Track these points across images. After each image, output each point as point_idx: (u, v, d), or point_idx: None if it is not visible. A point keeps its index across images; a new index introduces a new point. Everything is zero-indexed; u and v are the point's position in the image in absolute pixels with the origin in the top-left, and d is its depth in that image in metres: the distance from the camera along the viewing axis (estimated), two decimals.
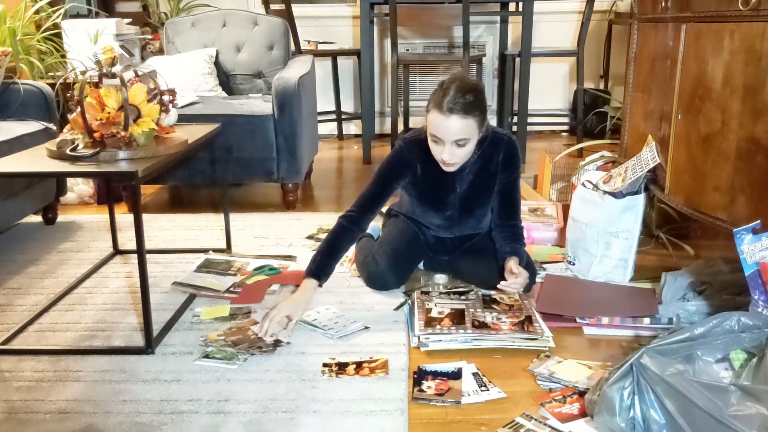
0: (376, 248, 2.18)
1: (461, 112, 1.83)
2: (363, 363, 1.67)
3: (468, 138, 1.88)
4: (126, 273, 2.32)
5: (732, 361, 1.40)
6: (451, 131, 1.85)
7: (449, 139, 1.87)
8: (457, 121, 1.84)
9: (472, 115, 1.85)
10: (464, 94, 1.83)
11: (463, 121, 1.84)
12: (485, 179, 2.07)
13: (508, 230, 2.10)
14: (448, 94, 1.83)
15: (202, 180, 3.04)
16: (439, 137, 1.88)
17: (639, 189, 2.12)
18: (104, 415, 1.49)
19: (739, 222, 1.64)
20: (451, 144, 1.88)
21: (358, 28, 4.29)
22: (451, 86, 1.85)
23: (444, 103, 1.83)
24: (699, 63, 1.85)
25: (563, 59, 4.71)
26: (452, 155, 1.90)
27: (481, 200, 2.12)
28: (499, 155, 2.05)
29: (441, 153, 1.91)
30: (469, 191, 2.09)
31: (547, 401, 1.51)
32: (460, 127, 1.85)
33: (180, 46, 3.54)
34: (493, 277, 2.02)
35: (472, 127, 1.87)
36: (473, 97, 1.85)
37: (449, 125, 1.84)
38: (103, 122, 1.83)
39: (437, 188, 2.09)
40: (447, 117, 1.83)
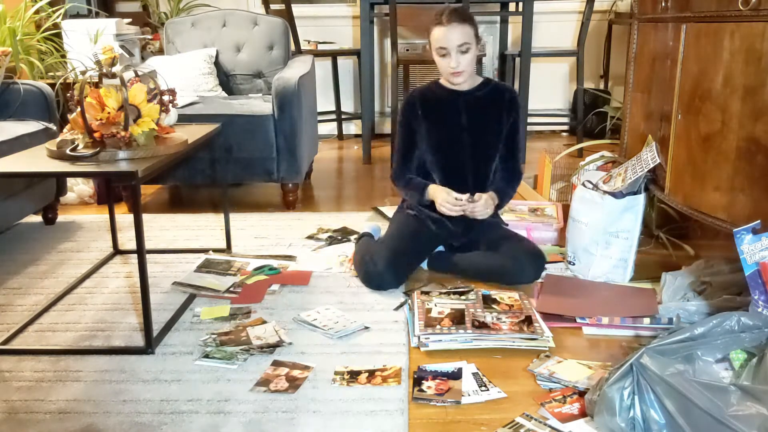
0: (375, 248, 2.19)
1: (459, 19, 2.10)
2: (375, 371, 1.65)
3: (469, 43, 2.11)
4: (126, 273, 2.32)
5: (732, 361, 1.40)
6: (453, 38, 2.09)
7: (453, 45, 2.10)
8: (457, 27, 2.09)
9: (468, 23, 2.12)
10: (457, 8, 2.13)
11: (462, 27, 2.10)
12: (490, 116, 2.25)
13: (504, 171, 2.29)
14: (444, 11, 2.12)
15: (202, 180, 3.04)
16: (444, 46, 2.11)
17: (639, 189, 2.12)
18: (104, 415, 1.49)
19: (739, 222, 1.64)
20: (456, 52, 2.10)
21: (358, 28, 4.29)
22: (444, 7, 2.14)
23: (443, 17, 2.11)
24: (699, 63, 1.85)
25: (563, 59, 4.71)
26: (458, 62, 2.12)
27: (487, 134, 2.25)
28: (504, 97, 2.26)
29: (449, 63, 2.13)
30: (475, 123, 2.24)
31: (547, 401, 1.51)
32: (460, 32, 2.09)
33: (180, 46, 3.54)
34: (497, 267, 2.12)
35: (470, 34, 2.12)
36: (463, 9, 2.16)
37: (450, 32, 2.09)
38: (103, 122, 1.83)
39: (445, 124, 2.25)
40: (447, 26, 2.09)
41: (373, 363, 1.69)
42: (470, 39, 2.12)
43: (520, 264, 2.10)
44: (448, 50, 2.11)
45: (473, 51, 2.14)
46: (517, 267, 2.10)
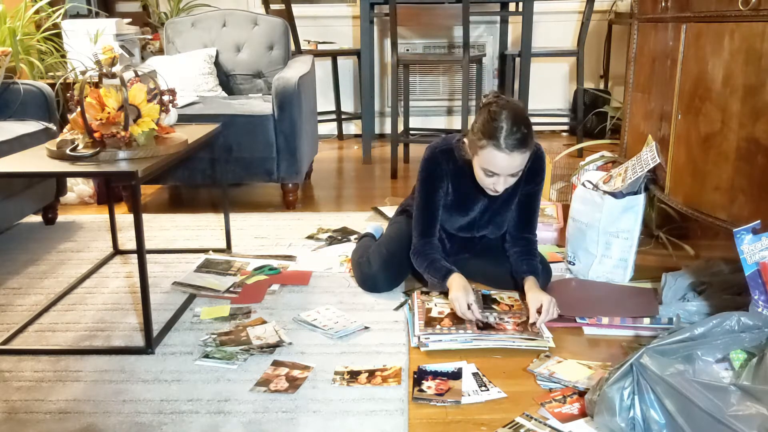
0: (372, 249, 2.18)
1: (521, 147, 1.77)
2: (375, 371, 1.65)
3: (522, 168, 1.85)
4: (126, 273, 2.32)
5: (732, 361, 1.40)
6: (511, 167, 1.80)
7: (507, 173, 1.82)
8: (517, 157, 1.78)
9: (529, 147, 1.81)
10: (519, 126, 1.76)
11: (522, 156, 1.80)
12: (512, 188, 1.97)
13: (522, 243, 2.06)
14: (501, 128, 1.75)
15: (202, 180, 3.05)
16: (496, 172, 1.82)
17: (639, 189, 2.12)
18: (104, 415, 1.49)
19: (739, 222, 1.64)
20: (507, 177, 1.84)
21: (358, 28, 4.29)
22: (501, 117, 1.76)
23: (501, 139, 1.75)
24: (699, 63, 1.85)
25: (563, 59, 4.71)
26: (506, 184, 1.86)
27: (504, 207, 2.07)
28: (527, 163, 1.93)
29: (493, 184, 1.85)
30: (495, 200, 2.04)
31: (547, 401, 1.51)
32: (520, 161, 1.81)
33: (180, 46, 3.54)
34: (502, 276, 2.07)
35: (528, 157, 1.84)
36: (526, 127, 1.78)
37: (510, 162, 1.79)
38: (103, 122, 1.84)
39: (466, 197, 2.04)
40: (507, 154, 1.77)
41: (373, 363, 1.69)
42: (524, 164, 1.83)
43: None
44: (499, 175, 1.83)
45: None
46: None
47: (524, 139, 1.77)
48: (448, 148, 1.99)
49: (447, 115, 4.81)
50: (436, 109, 4.79)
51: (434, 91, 4.78)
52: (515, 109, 1.80)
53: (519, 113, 1.80)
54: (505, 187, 1.87)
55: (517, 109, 1.81)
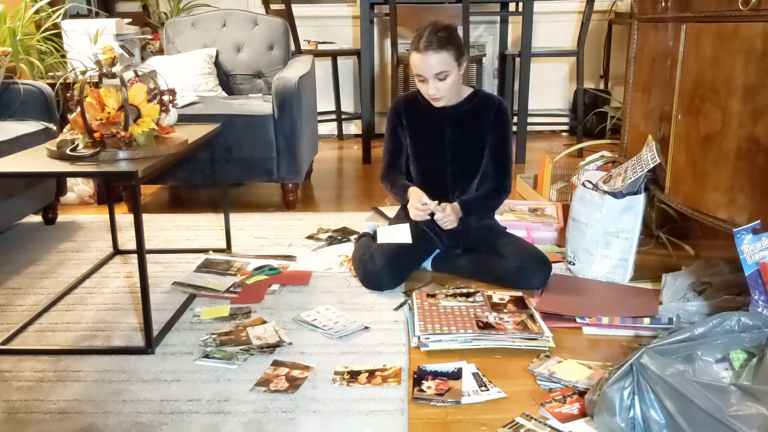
0: (374, 247, 2.18)
1: (436, 47, 2.04)
2: (375, 371, 1.65)
3: (447, 71, 2.08)
4: (126, 273, 2.32)
5: (732, 361, 1.40)
6: (428, 66, 2.06)
7: (430, 74, 2.07)
8: (433, 56, 2.05)
9: (446, 49, 2.05)
10: (437, 32, 2.06)
11: (438, 56, 2.05)
12: (474, 131, 2.22)
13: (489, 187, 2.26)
14: (423, 35, 2.06)
15: (202, 180, 3.05)
16: (422, 74, 2.09)
17: (639, 189, 2.12)
18: (104, 415, 1.49)
19: (739, 222, 1.64)
20: (434, 79, 2.08)
21: (358, 28, 4.29)
22: (425, 29, 2.07)
23: (420, 43, 2.06)
24: (699, 63, 1.85)
25: (563, 59, 4.71)
26: (437, 89, 2.10)
27: (470, 149, 2.24)
28: (491, 111, 2.22)
29: (427, 89, 2.11)
30: (459, 138, 2.22)
31: (547, 401, 1.51)
32: (437, 60, 2.05)
33: (180, 46, 3.54)
34: (503, 273, 2.11)
35: (449, 61, 2.07)
36: (446, 34, 2.06)
37: (427, 61, 2.06)
38: (103, 122, 1.83)
39: (428, 135, 2.25)
40: (424, 54, 2.05)
41: (373, 363, 1.69)
42: (448, 66, 2.08)
43: (528, 272, 2.07)
44: (424, 77, 2.09)
45: (453, 75, 2.10)
46: (524, 275, 2.07)
47: (439, 40, 2.04)
48: (410, 96, 2.30)
49: None
50: None
51: None
52: (436, 23, 2.10)
53: (438, 24, 2.09)
54: (437, 92, 2.10)
55: (438, 22, 2.10)
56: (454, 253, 2.26)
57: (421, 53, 2.06)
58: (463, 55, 2.12)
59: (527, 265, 2.08)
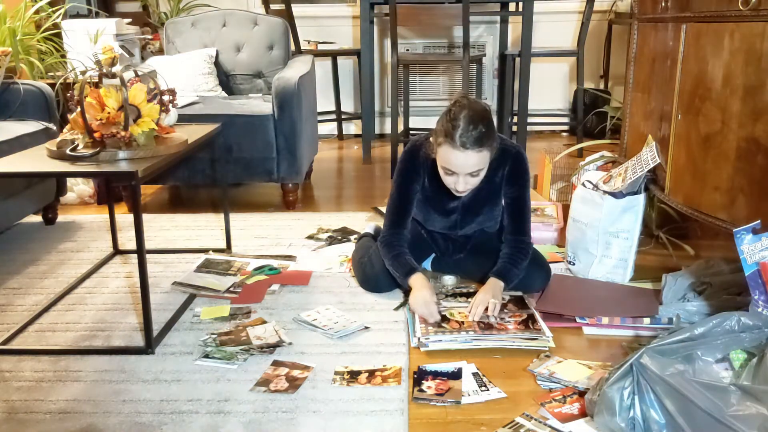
0: (373, 249, 2.18)
1: (476, 146, 1.77)
2: (375, 371, 1.65)
3: (482, 168, 1.84)
4: (126, 273, 2.32)
5: (732, 361, 1.40)
6: (466, 165, 1.80)
7: (463, 172, 1.83)
8: (472, 155, 1.78)
9: (486, 147, 1.80)
10: (476, 125, 1.76)
11: (478, 155, 1.79)
12: (489, 189, 2.02)
13: (512, 246, 2.04)
14: (458, 126, 1.76)
15: (202, 180, 3.04)
16: (453, 170, 1.83)
17: (639, 189, 2.12)
18: (104, 415, 1.49)
19: (739, 222, 1.64)
20: (467, 175, 1.84)
21: (358, 28, 4.29)
22: (459, 116, 1.77)
23: (456, 137, 1.76)
24: (699, 63, 1.85)
25: (563, 59, 4.71)
26: (466, 184, 1.86)
27: (484, 208, 2.07)
28: (505, 168, 2.00)
29: (454, 183, 1.86)
30: (472, 200, 2.05)
31: (547, 401, 1.51)
32: (476, 160, 1.80)
33: (180, 46, 3.54)
34: None
35: (486, 158, 1.83)
36: (485, 126, 1.78)
37: (464, 160, 1.79)
38: (103, 122, 1.84)
39: (442, 196, 2.05)
40: (461, 152, 1.78)
41: (373, 363, 1.69)
42: (485, 163, 1.83)
43: (528, 276, 2.04)
44: (457, 174, 1.84)
45: (485, 168, 1.86)
46: (524, 279, 2.04)
47: (480, 137, 1.77)
48: (422, 143, 2.01)
49: None
50: (436, 109, 4.78)
51: (434, 91, 4.78)
52: (475, 109, 1.80)
53: (478, 113, 1.79)
54: (466, 187, 1.87)
55: (477, 108, 1.81)
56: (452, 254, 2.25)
57: (458, 149, 1.77)
58: (497, 142, 1.86)
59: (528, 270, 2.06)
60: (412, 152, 2.02)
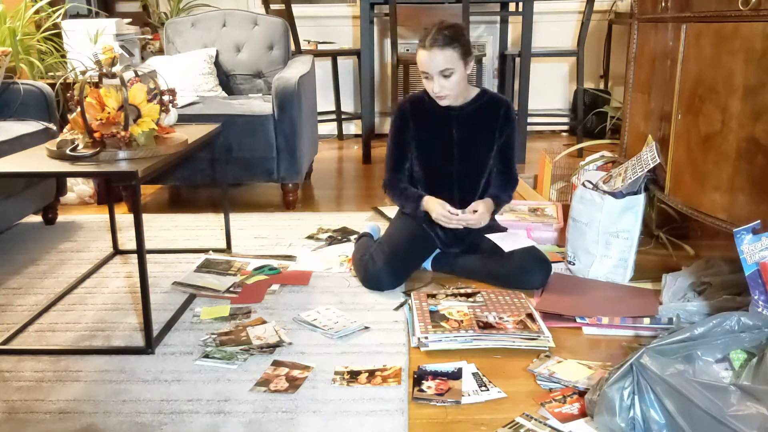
0: (375, 247, 2.19)
1: (440, 44, 2.03)
2: (375, 371, 1.65)
3: (452, 68, 2.06)
4: (126, 273, 2.32)
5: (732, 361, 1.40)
6: (433, 63, 2.05)
7: (434, 71, 2.07)
8: (438, 53, 2.04)
9: (451, 47, 2.04)
10: (443, 30, 2.05)
11: (443, 53, 2.04)
12: (483, 131, 2.22)
13: (500, 180, 2.27)
14: (430, 32, 2.06)
15: (202, 180, 3.04)
16: (427, 71, 2.08)
17: (639, 189, 2.12)
18: (104, 415, 1.49)
19: (739, 222, 1.64)
20: (438, 76, 2.07)
21: (358, 28, 4.29)
22: (433, 26, 2.07)
23: (426, 40, 2.05)
24: (699, 63, 1.85)
25: (563, 59, 4.71)
26: (441, 87, 2.09)
27: (479, 150, 2.23)
28: (498, 112, 2.22)
29: (432, 87, 2.10)
30: (466, 137, 2.20)
31: (547, 401, 1.51)
32: (441, 58, 2.04)
33: (180, 46, 3.54)
34: (503, 273, 2.10)
35: (454, 58, 2.05)
36: (452, 32, 2.06)
37: (431, 58, 2.05)
38: (103, 122, 1.84)
39: (435, 136, 2.23)
40: (428, 51, 2.05)
41: (373, 363, 1.69)
42: (453, 63, 2.06)
43: (528, 272, 2.08)
44: (430, 74, 2.08)
45: (459, 73, 2.09)
46: (524, 275, 2.08)
47: (443, 38, 2.03)
48: (416, 97, 2.27)
49: None
50: None
51: None
52: (443, 21, 2.10)
53: (445, 23, 2.09)
54: (442, 91, 2.09)
55: (446, 21, 2.10)
56: (453, 253, 2.26)
57: (427, 50, 2.05)
58: (470, 54, 2.11)
59: (527, 265, 2.08)
60: (400, 106, 2.29)
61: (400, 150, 2.29)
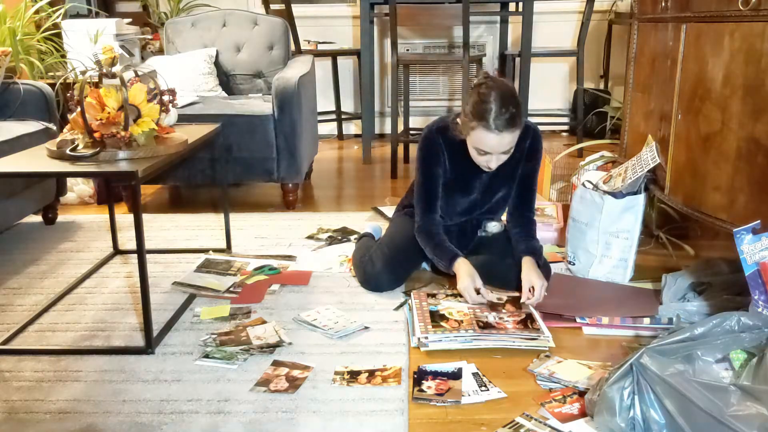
0: (374, 248, 2.18)
1: (509, 127, 1.84)
2: (375, 371, 1.65)
3: (514, 145, 1.92)
4: (126, 273, 2.32)
5: (732, 361, 1.40)
6: (501, 146, 1.88)
7: (499, 151, 1.90)
8: (507, 136, 1.86)
9: (518, 126, 1.87)
10: (508, 107, 1.82)
11: (512, 135, 1.87)
12: (510, 165, 2.05)
13: (522, 222, 2.13)
14: (490, 109, 1.82)
15: (202, 180, 3.04)
16: (489, 152, 1.90)
17: (639, 189, 2.12)
18: (104, 415, 1.49)
19: (739, 222, 1.64)
20: (501, 154, 1.91)
21: (358, 28, 4.29)
22: (490, 99, 1.82)
23: (491, 120, 1.82)
24: (699, 63, 1.85)
25: (563, 59, 4.71)
26: (499, 161, 1.94)
27: (504, 185, 2.13)
28: (526, 143, 2.07)
29: (487, 162, 1.93)
30: (493, 177, 2.10)
31: (547, 401, 1.51)
32: (509, 140, 1.88)
33: (180, 46, 3.54)
34: (509, 276, 2.04)
35: (518, 136, 1.90)
36: (515, 106, 1.84)
37: (499, 141, 1.86)
38: (103, 122, 1.83)
39: (465, 174, 2.10)
40: (497, 134, 1.84)
41: (373, 363, 1.69)
42: (516, 140, 1.90)
43: None
44: (491, 154, 1.91)
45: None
46: None
47: (512, 118, 1.83)
48: (444, 125, 2.06)
49: None
50: (436, 109, 4.79)
51: (434, 91, 4.78)
52: (503, 90, 1.87)
53: (507, 93, 1.86)
54: (498, 164, 1.94)
55: (505, 89, 1.88)
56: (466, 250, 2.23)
57: (493, 132, 1.83)
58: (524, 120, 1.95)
59: None
60: (430, 138, 2.06)
61: (433, 187, 2.09)
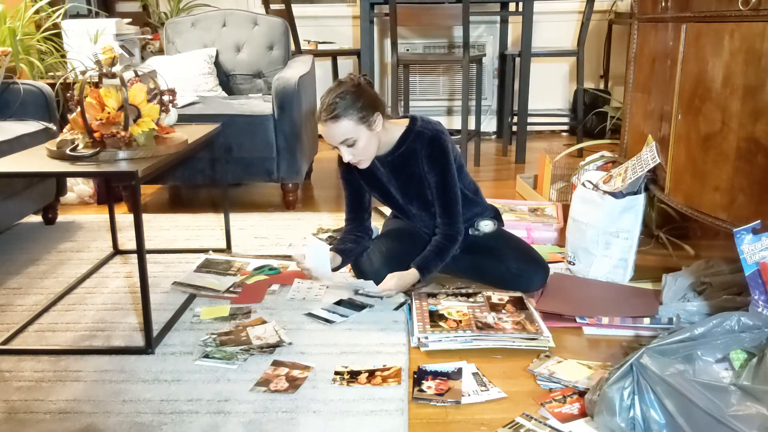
0: (371, 247, 2.18)
1: (330, 118, 1.89)
2: (375, 371, 1.65)
3: (353, 137, 1.92)
4: (126, 273, 2.32)
5: (732, 361, 1.40)
6: (330, 136, 1.93)
7: (335, 143, 1.94)
8: (331, 126, 1.90)
9: (343, 117, 1.89)
10: (331, 98, 1.90)
11: (337, 125, 1.89)
12: (413, 171, 2.06)
13: (439, 233, 2.10)
14: (323, 104, 1.92)
15: (202, 180, 3.05)
16: (330, 143, 1.97)
17: (639, 189, 2.12)
18: (104, 415, 1.49)
19: (739, 222, 1.64)
20: (343, 146, 1.94)
21: (358, 28, 4.29)
22: (326, 94, 1.93)
23: (320, 113, 1.93)
24: (699, 63, 1.85)
25: (563, 59, 4.71)
26: (351, 155, 1.96)
27: (418, 191, 2.10)
28: (422, 150, 2.03)
29: (342, 155, 1.98)
30: (402, 183, 2.12)
31: (547, 401, 1.51)
32: (337, 131, 1.91)
33: (180, 46, 3.54)
34: (500, 276, 2.08)
35: (349, 127, 1.90)
36: (339, 97, 1.89)
37: (328, 132, 1.93)
38: (103, 122, 1.84)
39: (373, 184, 2.15)
40: (323, 125, 1.92)
41: (373, 363, 1.69)
42: (352, 132, 1.90)
43: (525, 277, 2.06)
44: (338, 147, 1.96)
45: (363, 138, 1.92)
46: (522, 279, 2.06)
47: (332, 109, 1.88)
48: None
49: (447, 115, 4.81)
50: (436, 109, 4.79)
51: (434, 91, 4.78)
52: (338, 85, 1.94)
53: (336, 86, 1.94)
54: (353, 158, 1.96)
55: (339, 84, 1.94)
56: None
57: (321, 124, 1.92)
58: (374, 112, 1.93)
59: (524, 270, 2.07)
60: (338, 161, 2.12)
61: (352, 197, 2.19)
